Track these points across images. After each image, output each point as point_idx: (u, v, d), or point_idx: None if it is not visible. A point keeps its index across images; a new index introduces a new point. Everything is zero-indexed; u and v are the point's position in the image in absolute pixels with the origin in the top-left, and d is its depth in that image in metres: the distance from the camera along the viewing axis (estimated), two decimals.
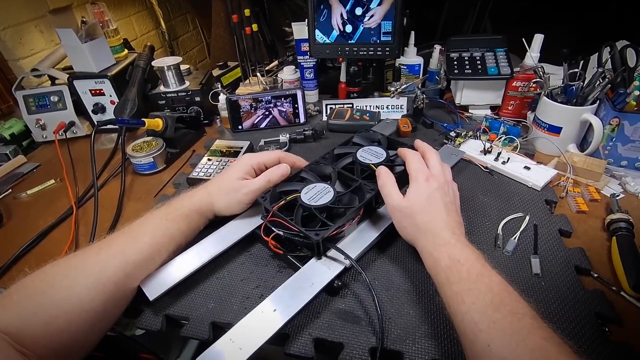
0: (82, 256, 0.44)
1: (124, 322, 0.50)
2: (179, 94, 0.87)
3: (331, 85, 0.98)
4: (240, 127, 0.88)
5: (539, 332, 0.33)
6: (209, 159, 0.74)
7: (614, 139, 0.64)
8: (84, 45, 0.86)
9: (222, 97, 0.88)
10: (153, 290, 0.46)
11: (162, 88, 0.88)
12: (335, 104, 0.89)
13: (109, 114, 0.92)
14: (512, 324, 0.34)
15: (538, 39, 0.75)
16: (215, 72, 1.04)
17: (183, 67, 0.93)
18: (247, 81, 1.01)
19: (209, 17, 1.37)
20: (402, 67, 0.93)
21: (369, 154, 0.59)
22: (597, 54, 0.68)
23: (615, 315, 0.42)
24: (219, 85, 0.91)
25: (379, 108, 0.88)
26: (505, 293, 0.36)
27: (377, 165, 0.56)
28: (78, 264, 0.43)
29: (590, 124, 0.64)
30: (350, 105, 0.89)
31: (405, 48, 0.92)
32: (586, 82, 0.66)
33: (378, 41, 0.82)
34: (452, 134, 0.75)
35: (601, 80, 0.64)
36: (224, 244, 0.53)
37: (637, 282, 0.44)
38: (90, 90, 0.90)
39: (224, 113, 0.88)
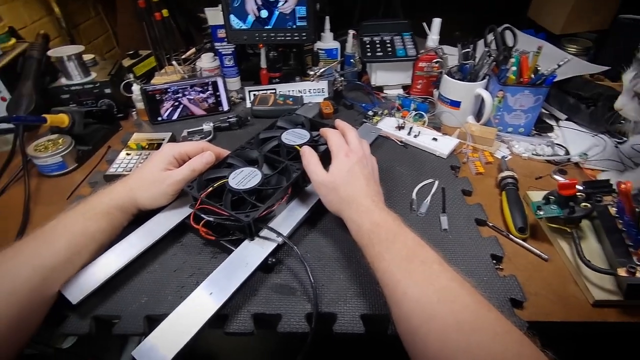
0: None
1: (57, 333, 0.46)
2: (85, 87, 0.80)
3: (254, 71, 0.97)
4: (160, 118, 0.84)
5: (444, 275, 0.39)
6: (127, 154, 0.70)
7: (501, 109, 0.74)
8: None
9: (135, 88, 0.83)
10: (76, 294, 0.44)
11: (63, 81, 0.80)
12: (258, 90, 0.90)
13: (1, 112, 0.81)
14: (423, 272, 0.39)
15: (436, 22, 0.83)
16: (126, 62, 0.97)
17: (86, 57, 0.85)
18: (164, 70, 0.96)
19: (113, 3, 1.26)
20: (320, 51, 0.96)
21: (294, 136, 0.61)
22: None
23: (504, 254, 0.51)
24: (132, 76, 0.86)
25: (301, 92, 0.90)
26: (417, 247, 0.42)
27: (301, 146, 0.58)
28: None
29: (483, 97, 0.74)
30: (274, 91, 0.90)
31: (322, 33, 0.95)
32: (477, 60, 0.76)
33: (294, 26, 0.83)
34: (370, 113, 0.80)
35: (487, 59, 0.74)
36: (153, 237, 0.51)
37: (521, 226, 0.54)
38: None
39: (140, 105, 0.83)
